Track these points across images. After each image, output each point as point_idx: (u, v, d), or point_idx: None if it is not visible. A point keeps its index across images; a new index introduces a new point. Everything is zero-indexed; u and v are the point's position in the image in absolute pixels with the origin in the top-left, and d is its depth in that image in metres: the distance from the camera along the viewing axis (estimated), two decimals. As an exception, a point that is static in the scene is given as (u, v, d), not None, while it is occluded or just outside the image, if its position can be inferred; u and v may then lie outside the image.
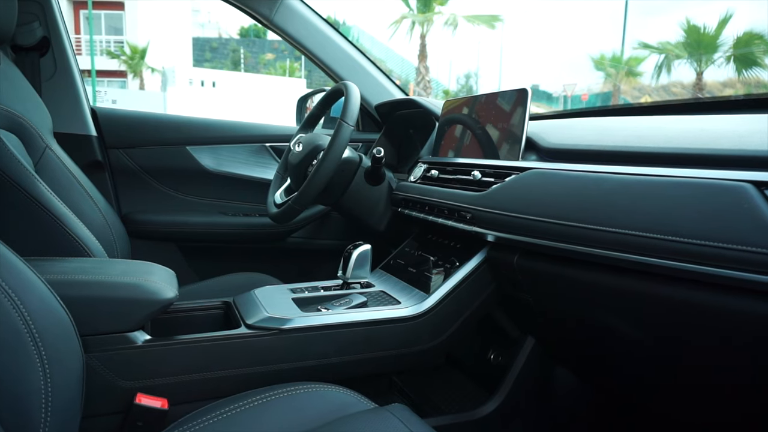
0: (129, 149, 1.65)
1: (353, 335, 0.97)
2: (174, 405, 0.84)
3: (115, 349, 0.82)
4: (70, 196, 1.27)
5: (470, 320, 1.07)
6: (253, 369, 0.91)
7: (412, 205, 1.28)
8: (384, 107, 1.71)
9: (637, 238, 0.70)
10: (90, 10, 18.34)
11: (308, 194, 1.25)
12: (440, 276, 1.09)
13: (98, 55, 20.82)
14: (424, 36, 18.33)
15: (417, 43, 18.41)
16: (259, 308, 0.98)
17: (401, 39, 24.85)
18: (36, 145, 1.22)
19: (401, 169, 1.58)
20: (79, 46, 21.70)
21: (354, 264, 1.12)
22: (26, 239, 0.96)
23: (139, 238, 1.64)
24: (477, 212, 1.01)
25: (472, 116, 1.24)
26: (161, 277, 0.89)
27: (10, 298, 0.65)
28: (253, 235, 1.72)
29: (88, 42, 19.14)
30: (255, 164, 1.81)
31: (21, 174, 0.95)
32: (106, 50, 21.60)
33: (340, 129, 1.22)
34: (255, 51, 33.84)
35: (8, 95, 1.16)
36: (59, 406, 0.67)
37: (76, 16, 21.62)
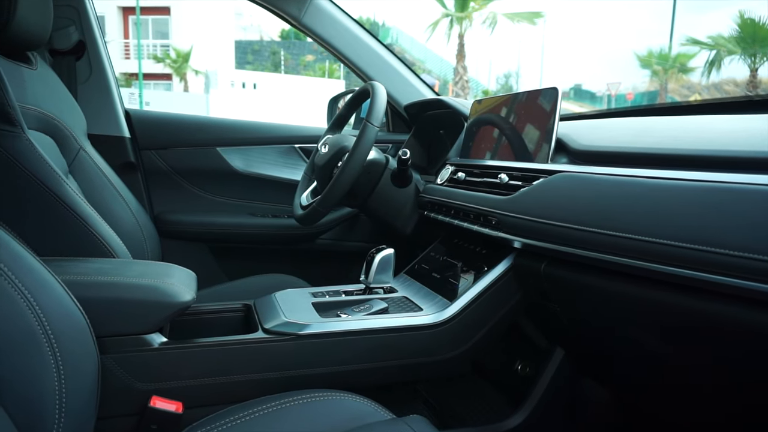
0: (161, 150, 1.68)
1: (372, 342, 0.94)
2: (189, 408, 0.84)
3: (132, 350, 0.83)
4: (102, 197, 1.29)
5: (495, 330, 1.03)
6: (269, 374, 0.90)
7: (438, 208, 1.25)
8: (413, 107, 1.68)
9: (676, 249, 0.64)
10: (138, 15, 19.02)
11: (332, 196, 1.24)
12: (465, 283, 1.05)
13: (145, 58, 21.55)
14: (462, 35, 18.16)
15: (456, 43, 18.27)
16: (277, 312, 0.97)
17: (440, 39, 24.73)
18: (70, 146, 1.25)
19: (431, 171, 1.55)
20: (128, 50, 22.53)
21: (376, 268, 1.10)
22: (52, 239, 0.97)
23: (170, 238, 1.66)
24: (503, 217, 0.97)
25: (501, 117, 1.20)
26: (180, 279, 0.89)
27: (25, 298, 0.65)
28: (282, 237, 1.72)
29: (137, 46, 19.82)
30: (284, 165, 1.81)
31: (48, 175, 0.97)
32: (153, 54, 22.34)
33: (364, 130, 1.20)
34: (295, 53, 34.33)
35: (44, 98, 1.19)
36: (73, 407, 0.67)
37: (125, 21, 22.46)
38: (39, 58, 1.24)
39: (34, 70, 1.19)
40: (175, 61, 22.04)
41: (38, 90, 1.18)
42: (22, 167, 0.94)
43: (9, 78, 1.05)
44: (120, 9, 22.07)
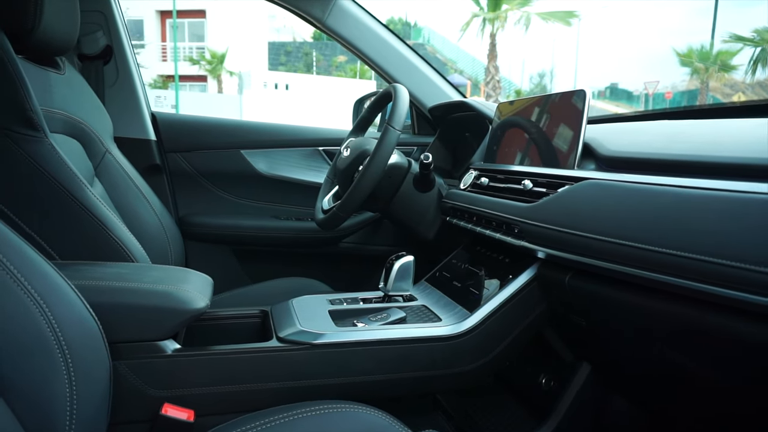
0: (186, 153, 1.69)
1: (388, 353, 0.92)
2: (201, 416, 0.83)
3: (145, 357, 0.82)
4: (127, 199, 1.31)
5: (518, 342, 0.99)
6: (282, 384, 0.88)
7: (461, 214, 1.21)
8: (438, 110, 1.65)
9: (712, 266, 0.59)
10: (174, 19, 19.48)
11: (353, 201, 1.22)
12: (486, 292, 1.01)
13: (181, 61, 22.05)
14: (494, 35, 17.93)
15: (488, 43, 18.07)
16: (292, 320, 0.96)
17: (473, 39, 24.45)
18: (96, 149, 1.27)
19: (456, 175, 1.51)
20: (165, 53, 23.10)
21: (395, 276, 1.07)
22: (72, 242, 0.98)
23: (194, 240, 1.67)
24: (525, 225, 0.93)
25: (526, 120, 1.15)
26: (195, 286, 0.88)
27: (37, 303, 0.65)
28: (305, 240, 1.71)
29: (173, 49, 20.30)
30: (308, 168, 1.80)
31: (69, 179, 0.97)
32: (189, 56, 22.83)
33: (386, 133, 1.18)
34: (327, 54, 34.59)
35: (71, 102, 1.20)
36: (84, 413, 0.67)
37: (163, 24, 23.04)
38: (67, 63, 1.26)
39: (62, 75, 1.21)
40: (210, 63, 22.47)
41: (66, 94, 1.19)
42: (43, 171, 0.95)
43: (37, 83, 1.07)
44: (158, 13, 22.65)
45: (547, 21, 17.84)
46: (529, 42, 43.45)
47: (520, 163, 1.14)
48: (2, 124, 0.93)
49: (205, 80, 23.82)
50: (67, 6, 1.11)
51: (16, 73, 0.94)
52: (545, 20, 17.87)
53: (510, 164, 1.16)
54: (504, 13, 17.96)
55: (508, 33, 18.90)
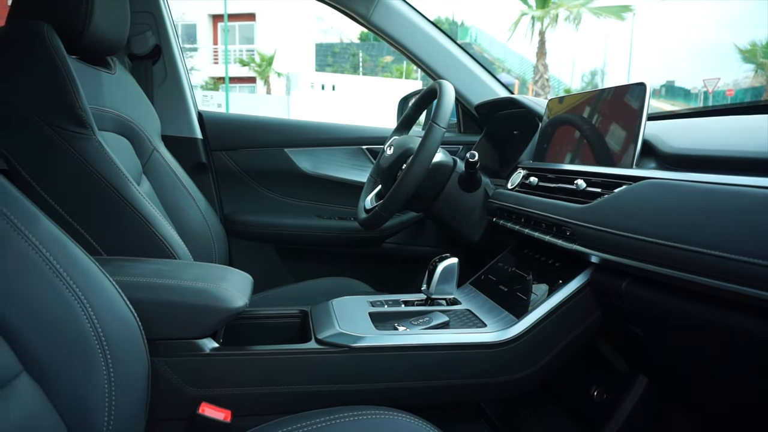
0: (231, 151, 1.70)
1: (430, 359, 0.88)
2: (237, 417, 0.82)
3: (183, 355, 0.82)
4: (173, 197, 1.32)
5: (568, 351, 0.93)
6: (320, 387, 0.86)
7: (508, 215, 1.16)
8: (484, 107, 1.60)
9: None
10: (225, 22, 20.04)
11: (395, 200, 1.19)
12: (535, 298, 0.96)
13: (232, 63, 22.66)
14: (544, 32, 17.51)
15: (536, 41, 17.68)
16: (332, 321, 0.93)
17: (521, 38, 23.93)
18: (144, 147, 1.29)
19: (502, 175, 1.46)
20: (217, 55, 23.79)
21: (438, 278, 1.03)
22: (116, 238, 1.00)
23: (238, 238, 1.68)
24: (578, 228, 0.87)
25: (580, 116, 1.09)
26: (234, 284, 0.87)
27: (78, 299, 0.65)
28: (348, 239, 1.70)
29: (224, 52, 20.88)
30: (351, 167, 1.78)
31: (115, 176, 0.99)
32: (239, 59, 23.43)
33: (430, 131, 1.15)
34: (374, 54, 34.74)
35: (121, 101, 1.23)
36: (123, 408, 0.66)
37: (215, 28, 23.74)
38: (118, 63, 1.29)
39: (113, 75, 1.23)
40: (259, 65, 22.98)
41: (116, 93, 1.22)
42: (91, 168, 0.97)
43: (88, 82, 1.09)
44: (210, 17, 23.35)
45: (599, 17, 17.28)
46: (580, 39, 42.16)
47: (571, 162, 1.08)
48: (53, 121, 0.95)
49: (254, 82, 24.38)
50: (117, 7, 1.13)
51: (67, 73, 0.96)
52: (597, 16, 17.31)
53: (561, 163, 1.10)
54: (554, 10, 17.51)
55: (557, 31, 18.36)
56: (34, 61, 0.95)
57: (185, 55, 1.76)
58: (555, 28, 17.59)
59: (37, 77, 0.95)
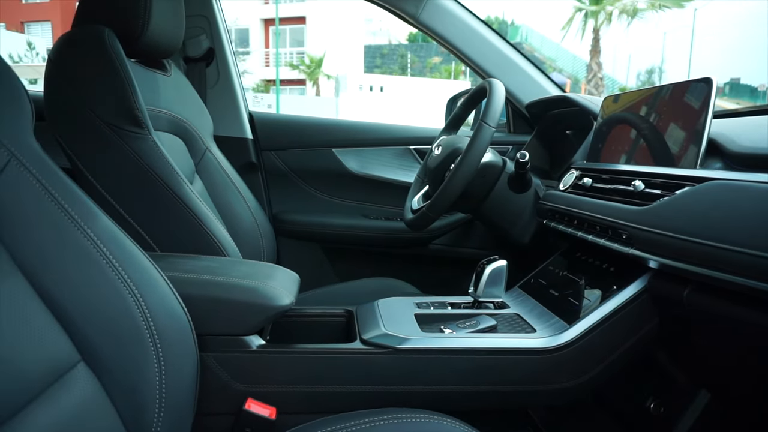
0: (280, 151, 1.73)
1: (476, 363, 0.86)
2: (282, 414, 0.82)
3: (230, 351, 0.83)
4: (224, 195, 1.36)
5: (623, 360, 0.89)
6: (364, 387, 0.85)
7: (560, 217, 1.12)
8: (535, 106, 1.55)
9: None
10: (277, 26, 20.50)
11: (442, 201, 1.17)
12: (587, 304, 0.92)
13: (283, 66, 23.16)
14: (598, 30, 16.94)
15: (590, 39, 17.13)
16: (377, 322, 0.93)
17: (574, 37, 23.19)
18: (197, 147, 1.33)
19: (554, 176, 1.42)
20: (268, 58, 24.38)
21: (486, 281, 1.01)
22: (169, 235, 1.02)
23: (286, 237, 1.71)
24: (636, 231, 0.83)
25: (638, 114, 1.04)
26: (281, 282, 0.88)
27: (133, 294, 0.67)
28: (394, 240, 1.69)
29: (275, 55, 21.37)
30: (398, 167, 1.77)
31: (169, 174, 1.02)
32: (289, 62, 23.92)
33: (479, 131, 1.12)
34: (422, 55, 34.69)
35: (176, 102, 1.27)
36: (172, 401, 0.68)
37: (266, 32, 24.35)
38: (173, 65, 1.33)
39: (168, 77, 1.27)
40: (309, 67, 23.38)
41: (171, 95, 1.26)
42: (146, 166, 1.00)
43: (144, 84, 1.13)
44: (262, 21, 23.95)
45: (656, 9, 16.53)
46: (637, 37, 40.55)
47: (628, 163, 1.03)
48: (112, 121, 0.99)
49: (304, 84, 24.84)
50: (173, 12, 1.17)
51: (126, 75, 0.99)
52: (655, 9, 16.56)
53: (617, 163, 1.06)
54: (609, 5, 16.90)
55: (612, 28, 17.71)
56: (96, 64, 0.99)
57: (238, 59, 1.80)
58: (609, 25, 17.00)
59: (98, 79, 0.99)
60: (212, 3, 1.60)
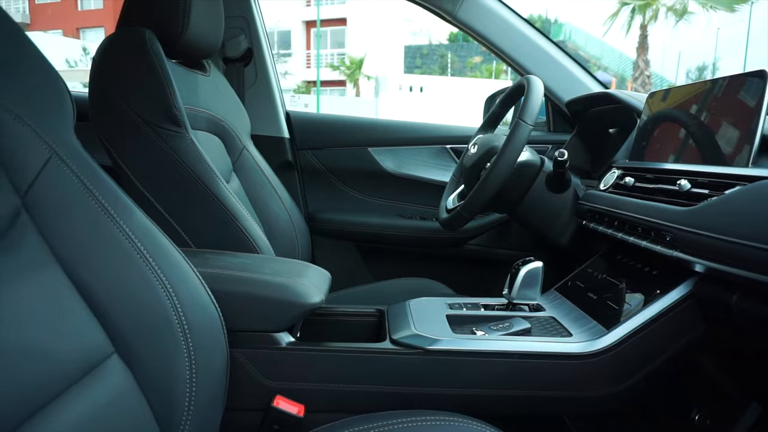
0: (316, 150, 1.74)
1: (509, 367, 0.84)
2: (311, 412, 0.82)
3: (260, 347, 0.83)
4: (260, 194, 1.37)
5: (665, 368, 0.85)
6: (393, 388, 0.84)
7: (600, 218, 1.08)
8: (576, 104, 1.51)
9: None
10: (318, 27, 20.75)
11: (477, 201, 1.14)
12: (628, 308, 0.88)
13: (323, 67, 23.42)
14: (645, 26, 16.34)
15: (637, 35, 16.54)
16: (407, 322, 0.91)
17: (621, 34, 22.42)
18: (235, 146, 1.35)
19: (595, 175, 1.37)
20: (309, 60, 24.72)
21: (521, 283, 0.98)
22: (203, 231, 1.04)
23: (321, 235, 1.71)
24: (680, 233, 0.78)
25: (685, 110, 0.99)
26: (312, 280, 0.88)
27: (165, 287, 0.68)
28: (430, 240, 1.67)
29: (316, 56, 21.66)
30: (435, 166, 1.75)
31: (205, 172, 1.03)
32: (330, 63, 24.17)
33: (516, 129, 1.09)
34: (463, 55, 34.40)
35: (214, 102, 1.29)
36: (202, 395, 0.69)
37: (308, 34, 24.68)
38: (213, 66, 1.36)
39: (207, 77, 1.30)
40: (349, 68, 23.55)
41: (210, 94, 1.28)
42: (183, 164, 1.02)
43: (183, 84, 1.16)
44: (303, 23, 24.29)
45: (707, 9, 15.81)
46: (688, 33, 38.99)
47: (674, 161, 0.98)
48: (151, 120, 1.01)
49: (344, 85, 25.04)
50: (212, 13, 1.19)
51: (165, 75, 1.02)
52: (705, 8, 15.83)
53: (662, 162, 1.01)
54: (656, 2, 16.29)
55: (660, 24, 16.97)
56: (136, 64, 1.02)
57: (280, 60, 1.82)
58: (656, 22, 16.37)
59: (139, 79, 1.02)
60: (251, 4, 1.63)
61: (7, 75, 0.60)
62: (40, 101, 0.63)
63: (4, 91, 0.58)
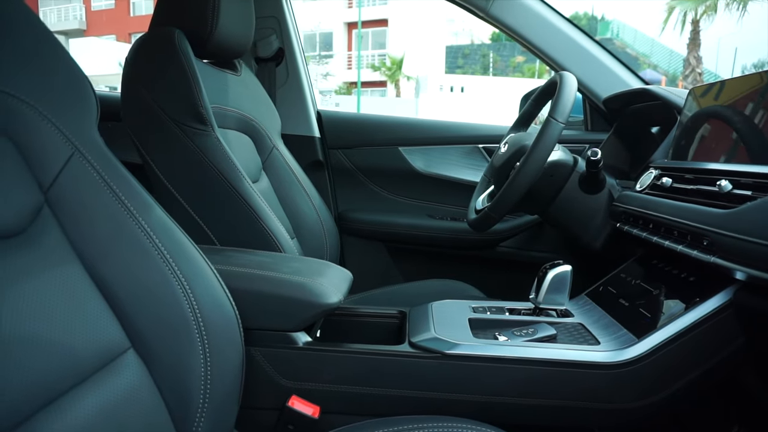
0: (347, 149, 1.73)
1: (532, 375, 0.80)
2: (326, 413, 0.81)
3: (276, 346, 0.83)
4: (289, 193, 1.38)
5: (702, 381, 0.79)
6: (410, 392, 0.82)
7: (634, 220, 1.02)
8: (614, 101, 1.44)
9: None
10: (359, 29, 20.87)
11: (506, 201, 1.11)
12: (660, 317, 0.83)
13: (364, 68, 23.55)
14: (697, 21, 15.64)
15: (689, 31, 15.85)
16: (428, 325, 0.89)
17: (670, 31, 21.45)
18: (265, 145, 1.36)
19: (633, 176, 1.31)
20: (351, 61, 24.90)
21: (548, 286, 0.94)
22: (226, 229, 1.05)
23: (351, 235, 1.71)
24: (719, 237, 0.73)
25: (729, 106, 0.93)
26: (331, 280, 0.87)
27: (181, 284, 0.68)
28: (460, 241, 1.64)
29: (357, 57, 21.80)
30: (465, 166, 1.72)
31: (230, 170, 1.04)
32: (371, 64, 24.27)
33: (546, 127, 1.05)
34: (505, 55, 33.92)
35: (245, 101, 1.30)
36: (217, 392, 0.69)
37: (349, 36, 24.86)
38: (245, 66, 1.37)
39: (238, 76, 1.31)
40: (389, 69, 23.59)
41: (240, 94, 1.29)
42: (208, 162, 1.03)
43: (214, 83, 1.17)
44: (345, 24, 24.49)
45: None
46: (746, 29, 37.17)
47: (717, 161, 0.92)
48: (178, 118, 1.03)
49: (386, 86, 25.09)
50: (241, 13, 1.20)
51: (192, 74, 1.03)
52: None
53: (702, 161, 0.95)
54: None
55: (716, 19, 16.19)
56: (166, 63, 1.04)
57: (321, 62, 1.83)
58: (713, 15, 15.62)
59: (168, 78, 1.04)
60: (282, 4, 1.64)
61: (32, 73, 0.61)
62: (63, 99, 0.65)
63: (28, 89, 0.60)
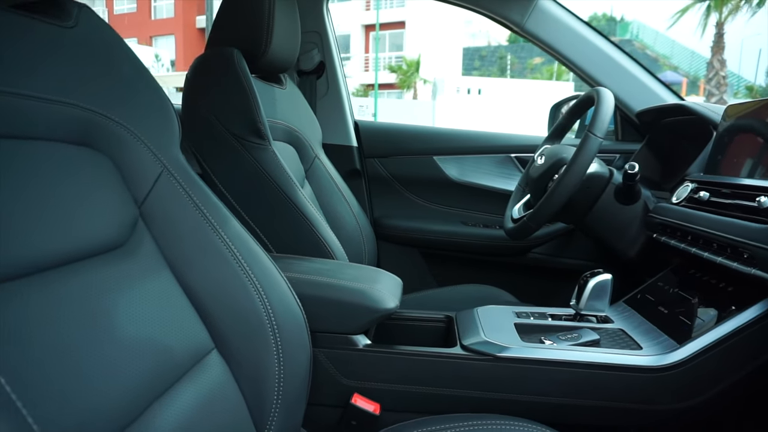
0: (383, 158, 1.80)
1: (578, 377, 0.85)
2: (385, 411, 0.87)
3: (339, 348, 0.89)
4: (330, 200, 1.44)
5: (741, 388, 0.84)
6: (462, 392, 0.88)
7: (671, 232, 1.07)
8: (647, 114, 1.49)
9: None
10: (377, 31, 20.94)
11: (545, 212, 1.16)
12: (699, 324, 0.88)
13: (382, 70, 23.61)
14: (722, 23, 15.39)
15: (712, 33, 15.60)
16: (477, 329, 0.95)
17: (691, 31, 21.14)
18: (307, 155, 1.42)
19: (665, 187, 1.35)
20: (368, 63, 25.00)
21: (590, 294, 0.99)
22: (284, 238, 1.11)
23: (386, 241, 1.77)
24: (759, 250, 0.78)
25: (765, 123, 0.97)
26: (386, 286, 0.93)
27: (258, 290, 0.75)
28: (493, 248, 1.69)
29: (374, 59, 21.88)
30: (498, 175, 1.77)
31: (286, 182, 1.11)
32: (389, 65, 24.33)
33: (586, 141, 1.10)
34: (523, 56, 33.76)
35: (290, 113, 1.37)
36: (289, 390, 0.75)
37: (367, 37, 24.96)
38: (288, 79, 1.44)
39: (284, 90, 1.38)
40: (406, 72, 23.62)
41: (286, 106, 1.36)
42: (267, 175, 1.10)
43: (264, 97, 1.24)
44: (363, 27, 24.60)
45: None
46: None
47: (753, 177, 0.96)
48: (238, 132, 1.10)
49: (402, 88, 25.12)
50: (291, 31, 1.27)
51: (251, 91, 1.10)
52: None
53: (739, 177, 0.99)
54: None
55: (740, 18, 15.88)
56: (226, 81, 1.11)
57: (339, 64, 1.88)
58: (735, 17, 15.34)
59: (228, 95, 1.11)
60: (324, 19, 1.70)
61: (129, 99, 0.68)
62: (154, 122, 0.72)
63: (127, 114, 0.67)
